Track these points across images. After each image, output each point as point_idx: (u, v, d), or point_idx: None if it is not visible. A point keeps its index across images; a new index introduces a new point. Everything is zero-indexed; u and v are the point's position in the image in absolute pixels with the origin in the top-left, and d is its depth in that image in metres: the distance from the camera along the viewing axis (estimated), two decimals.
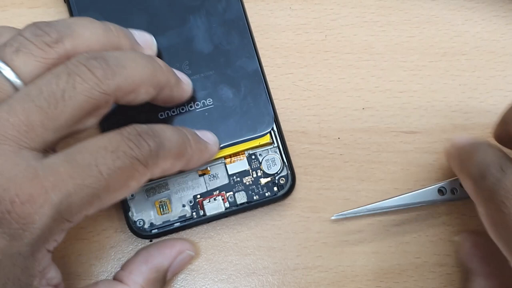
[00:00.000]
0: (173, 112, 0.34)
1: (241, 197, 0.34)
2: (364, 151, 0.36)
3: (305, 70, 0.37)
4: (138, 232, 0.34)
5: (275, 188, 0.34)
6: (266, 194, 0.34)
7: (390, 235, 0.35)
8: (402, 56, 0.37)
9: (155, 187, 0.34)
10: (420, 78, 0.37)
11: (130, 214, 0.34)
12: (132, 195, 0.34)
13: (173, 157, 0.29)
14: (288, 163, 0.35)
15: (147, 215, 0.34)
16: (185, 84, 0.33)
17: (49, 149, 0.27)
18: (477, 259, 0.33)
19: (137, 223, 0.34)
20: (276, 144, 0.35)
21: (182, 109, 0.34)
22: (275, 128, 0.35)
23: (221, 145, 0.34)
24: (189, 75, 0.34)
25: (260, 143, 0.35)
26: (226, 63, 0.35)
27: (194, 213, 0.34)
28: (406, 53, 0.37)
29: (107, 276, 0.34)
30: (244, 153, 0.35)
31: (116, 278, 0.32)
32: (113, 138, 0.27)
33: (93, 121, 0.28)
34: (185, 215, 0.34)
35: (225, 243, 0.35)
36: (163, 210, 0.34)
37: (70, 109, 0.26)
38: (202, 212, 0.34)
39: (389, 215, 0.35)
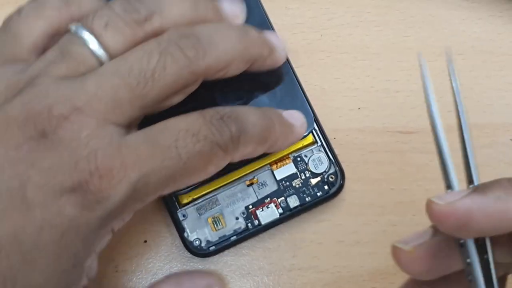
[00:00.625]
0: None
1: (293, 201, 0.34)
2: (360, 151, 0.36)
3: (301, 69, 0.36)
4: (196, 251, 0.33)
5: (326, 187, 0.34)
6: (318, 194, 0.34)
7: (386, 236, 0.35)
8: (398, 56, 0.37)
9: (205, 204, 0.34)
10: (416, 77, 0.36)
11: (185, 235, 0.33)
12: (184, 216, 0.34)
13: (256, 142, 0.29)
14: (335, 159, 0.35)
15: (202, 233, 0.34)
16: (278, 52, 0.31)
17: (132, 124, 0.27)
18: None
19: (194, 242, 0.33)
20: (319, 143, 0.35)
21: None
22: (316, 127, 0.35)
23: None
24: (221, 88, 0.32)
25: (304, 144, 0.34)
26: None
27: (249, 224, 0.34)
28: (402, 52, 0.37)
29: None
30: (289, 157, 0.34)
31: None
32: (195, 121, 0.27)
33: (179, 98, 0.28)
34: (240, 227, 0.34)
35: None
36: (217, 226, 0.34)
37: (158, 88, 0.26)
38: (257, 222, 0.34)
39: (386, 215, 0.35)
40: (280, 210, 0.34)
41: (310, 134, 0.34)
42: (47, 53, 0.27)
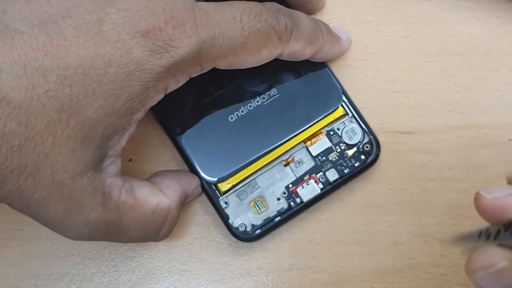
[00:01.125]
0: (242, 111, 0.34)
1: (332, 175, 0.34)
2: None
3: None
4: (243, 236, 0.34)
5: (362, 156, 0.35)
6: (356, 165, 0.35)
7: (385, 236, 0.35)
8: (396, 56, 0.37)
9: (245, 189, 0.34)
10: (415, 78, 0.37)
11: (230, 221, 0.34)
12: (226, 203, 0.34)
13: (305, 40, 0.31)
14: (368, 129, 0.35)
15: (246, 218, 0.34)
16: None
17: None
18: None
19: (239, 228, 0.34)
20: (350, 114, 0.35)
21: (250, 106, 0.34)
22: (345, 99, 0.35)
23: (298, 131, 0.34)
24: (248, 74, 0.33)
25: (335, 118, 0.35)
26: None
27: (291, 203, 0.34)
28: (401, 53, 0.37)
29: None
30: (322, 132, 0.35)
31: (153, 182, 0.31)
32: (256, 5, 0.30)
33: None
34: (283, 207, 0.34)
35: (219, 243, 0.35)
36: (260, 209, 0.34)
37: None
38: (299, 200, 0.34)
39: (384, 216, 0.35)
40: (321, 185, 0.34)
41: (340, 107, 0.35)
42: None
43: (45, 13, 0.25)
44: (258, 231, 0.34)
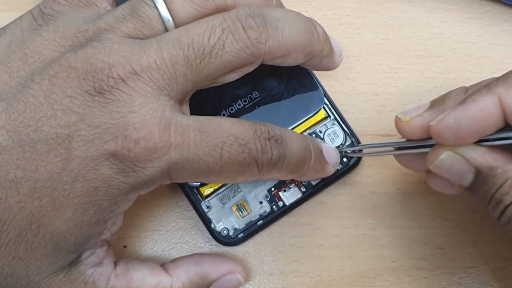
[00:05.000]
0: (223, 114, 0.34)
1: None
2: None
3: None
4: (225, 240, 0.34)
5: (345, 159, 0.35)
6: (338, 168, 0.34)
7: (366, 239, 0.35)
8: (377, 59, 0.37)
9: (227, 193, 0.34)
10: (396, 80, 0.37)
11: (212, 226, 0.34)
12: (208, 207, 0.34)
13: (287, 170, 0.29)
14: (350, 131, 0.35)
15: (228, 222, 0.34)
16: (337, 56, 0.32)
17: (184, 99, 0.28)
18: None
19: (222, 232, 0.34)
20: (332, 117, 0.35)
21: (231, 109, 0.34)
22: (326, 102, 0.35)
23: None
24: None
25: (317, 120, 0.35)
26: None
27: (274, 207, 0.34)
28: (382, 55, 0.37)
29: None
30: (304, 134, 0.34)
31: (162, 265, 0.31)
32: (246, 131, 0.27)
33: (234, 76, 0.29)
34: (266, 211, 0.34)
35: (200, 248, 0.35)
36: (242, 213, 0.34)
37: (214, 66, 0.27)
38: (281, 203, 0.34)
39: (365, 219, 0.35)
40: (303, 189, 0.34)
41: (322, 109, 0.35)
42: (118, 9, 0.28)
43: (20, 123, 0.26)
44: (240, 235, 0.34)
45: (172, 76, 0.26)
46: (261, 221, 0.34)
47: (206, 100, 0.34)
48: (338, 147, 0.35)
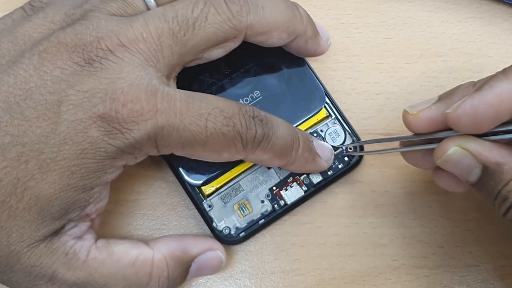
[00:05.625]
0: None
1: (316, 177, 0.34)
2: None
3: None
4: (227, 239, 0.34)
5: (346, 158, 0.35)
6: (339, 166, 0.35)
7: (368, 238, 0.35)
8: (378, 58, 0.37)
9: (229, 192, 0.34)
10: (397, 80, 0.37)
11: (214, 224, 0.34)
12: (209, 206, 0.34)
13: (273, 153, 0.30)
14: (351, 130, 0.35)
15: (230, 221, 0.34)
16: (322, 39, 0.33)
17: (171, 75, 0.29)
18: None
19: (223, 231, 0.34)
20: (334, 116, 0.35)
21: None
22: (328, 101, 0.35)
23: None
24: (228, 74, 0.34)
25: (318, 119, 0.35)
26: (262, 52, 0.34)
27: (275, 206, 0.34)
28: (383, 55, 0.37)
29: None
30: None
31: (146, 241, 0.31)
32: (231, 107, 0.29)
33: (218, 53, 0.30)
34: (267, 210, 0.34)
35: None
36: (244, 212, 0.34)
37: (198, 38, 0.28)
38: (283, 202, 0.34)
39: (367, 218, 0.35)
40: (304, 188, 0.34)
41: (323, 108, 0.35)
42: None
43: (10, 94, 0.26)
44: (242, 234, 0.34)
45: (158, 48, 0.28)
46: (262, 220, 0.34)
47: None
48: (339, 145, 0.35)
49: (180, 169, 0.33)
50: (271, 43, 0.31)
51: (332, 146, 0.34)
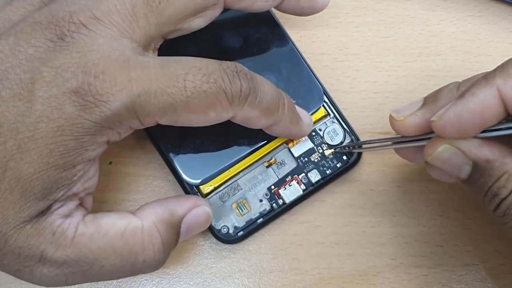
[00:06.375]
0: None
1: (314, 176, 0.34)
2: None
3: None
4: (225, 238, 0.34)
5: (344, 157, 0.35)
6: (338, 165, 0.35)
7: (366, 237, 0.35)
8: (377, 57, 0.37)
9: (227, 191, 0.34)
10: (396, 78, 0.37)
11: (212, 224, 0.34)
12: None
13: (261, 109, 0.29)
14: (350, 129, 0.35)
15: (228, 220, 0.34)
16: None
17: (150, 46, 0.29)
18: None
19: (222, 230, 0.34)
20: (332, 115, 0.35)
21: None
22: (326, 100, 0.35)
23: None
24: None
25: (317, 118, 0.35)
26: (259, 51, 0.35)
27: (273, 205, 0.34)
28: (381, 53, 0.37)
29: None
30: None
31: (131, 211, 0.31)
32: (210, 64, 0.28)
33: (199, 22, 0.30)
34: (265, 209, 0.34)
35: (200, 246, 0.35)
36: (242, 211, 0.34)
37: (174, 6, 0.28)
38: (281, 201, 0.34)
39: (365, 217, 0.35)
40: (303, 186, 0.34)
41: (322, 107, 0.35)
42: None
43: None
44: (240, 233, 0.34)
45: (133, 19, 0.27)
46: (261, 219, 0.34)
47: None
48: (337, 144, 0.35)
49: (179, 168, 0.33)
50: (258, 7, 0.31)
51: (330, 145, 0.34)
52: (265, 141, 0.34)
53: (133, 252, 0.28)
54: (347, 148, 0.34)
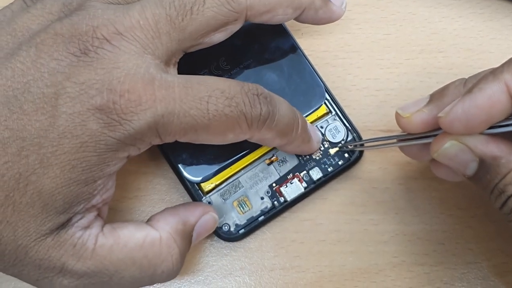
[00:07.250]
0: None
1: (316, 173, 0.34)
2: None
3: None
4: (226, 236, 0.34)
5: (346, 155, 0.35)
6: (339, 163, 0.34)
7: (368, 234, 0.35)
8: (378, 54, 0.37)
9: (228, 188, 0.34)
10: (397, 76, 0.37)
11: None
12: (209, 203, 0.34)
13: (277, 132, 0.30)
14: (351, 126, 0.35)
15: (229, 217, 0.34)
16: (335, 5, 0.33)
17: (171, 61, 0.29)
18: None
19: (223, 228, 0.34)
20: (334, 112, 0.35)
21: None
22: (328, 97, 0.35)
23: None
24: (228, 70, 0.34)
25: (318, 116, 0.35)
26: (262, 48, 0.34)
27: (275, 202, 0.34)
28: (383, 50, 0.37)
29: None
30: None
31: (145, 221, 0.31)
32: (233, 86, 0.28)
33: (220, 37, 0.29)
34: (267, 206, 0.34)
35: (201, 244, 0.35)
36: (243, 209, 0.34)
37: (196, 22, 0.28)
38: (283, 199, 0.34)
39: (367, 214, 0.35)
40: (304, 184, 0.34)
41: (323, 105, 0.35)
42: None
43: (8, 87, 0.26)
44: (242, 231, 0.34)
45: (156, 35, 0.27)
46: (262, 217, 0.34)
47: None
48: (339, 142, 0.34)
49: (180, 166, 0.33)
50: (278, 20, 0.31)
51: (332, 143, 0.34)
52: None
53: (152, 264, 0.29)
54: (352, 146, 0.34)
